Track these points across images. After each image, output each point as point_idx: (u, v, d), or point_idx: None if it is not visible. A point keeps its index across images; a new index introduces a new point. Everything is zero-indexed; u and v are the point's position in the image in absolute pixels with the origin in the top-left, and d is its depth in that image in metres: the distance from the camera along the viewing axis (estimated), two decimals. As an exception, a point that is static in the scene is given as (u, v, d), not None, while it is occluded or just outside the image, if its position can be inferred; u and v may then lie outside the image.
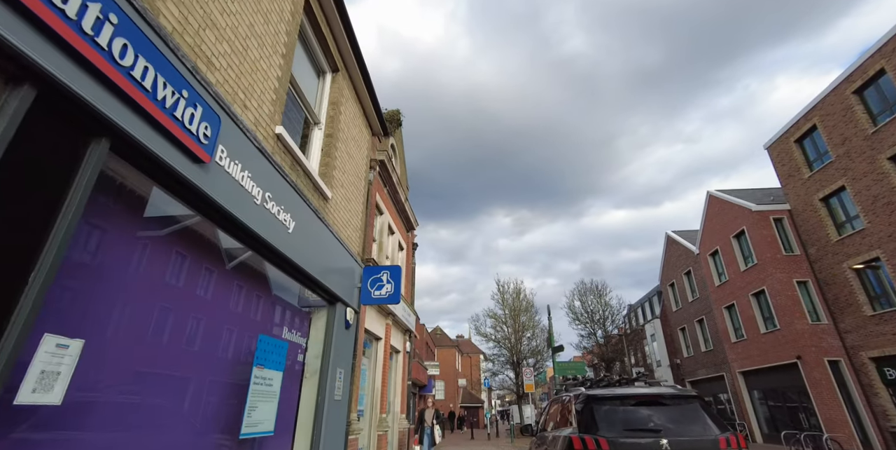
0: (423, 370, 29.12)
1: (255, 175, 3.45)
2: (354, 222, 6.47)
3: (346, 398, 5.85)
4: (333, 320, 5.52)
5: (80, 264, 2.14)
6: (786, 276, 19.40)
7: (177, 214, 2.89)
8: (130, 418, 2.46)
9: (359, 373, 8.10)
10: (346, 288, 5.95)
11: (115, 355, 2.34)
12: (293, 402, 4.81)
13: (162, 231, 2.78)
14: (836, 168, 17.81)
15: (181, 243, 2.93)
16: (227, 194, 3.05)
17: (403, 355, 12.83)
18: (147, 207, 2.63)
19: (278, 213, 3.84)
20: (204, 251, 3.16)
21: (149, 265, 2.64)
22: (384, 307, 10.09)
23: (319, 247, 4.92)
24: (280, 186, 3.92)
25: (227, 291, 3.37)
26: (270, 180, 3.74)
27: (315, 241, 4.78)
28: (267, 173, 3.69)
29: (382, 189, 10.75)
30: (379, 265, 6.94)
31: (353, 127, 6.45)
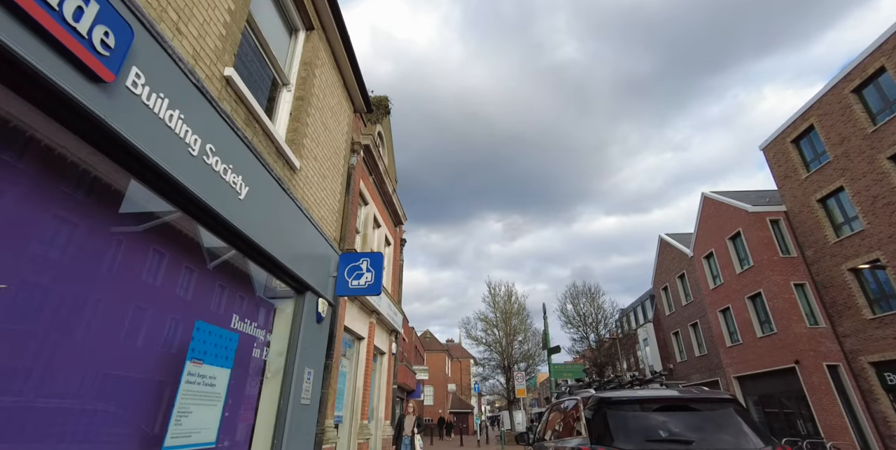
0: (412, 374, 28.26)
1: (191, 119, 2.74)
2: (330, 203, 5.76)
3: (316, 402, 5.10)
4: (302, 312, 4.78)
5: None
6: (783, 278, 18.99)
7: (71, 146, 2.17)
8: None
9: (336, 374, 7.34)
10: (319, 276, 5.23)
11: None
12: (249, 406, 4.06)
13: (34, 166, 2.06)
14: (834, 168, 17.48)
15: (67, 184, 2.20)
16: (144, 131, 2.33)
17: (389, 356, 12.07)
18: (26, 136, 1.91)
19: (225, 172, 3.12)
20: (106, 202, 2.44)
21: (15, 212, 1.91)
22: (367, 304, 9.35)
23: (283, 223, 4.20)
24: (229, 140, 3.21)
25: (140, 258, 2.64)
26: (214, 130, 3.02)
27: (277, 215, 4.06)
28: (210, 121, 2.98)
29: (367, 177, 10.04)
30: (358, 252, 6.23)
31: (330, 96, 5.76)
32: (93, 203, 2.34)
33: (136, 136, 2.28)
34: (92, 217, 2.34)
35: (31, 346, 2.00)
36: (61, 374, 2.13)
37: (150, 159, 2.39)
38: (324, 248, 5.41)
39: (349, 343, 9.22)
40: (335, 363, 7.29)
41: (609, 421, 3.14)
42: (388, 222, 12.41)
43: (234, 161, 3.28)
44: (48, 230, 2.13)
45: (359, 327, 9.19)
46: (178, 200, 2.74)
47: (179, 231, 2.94)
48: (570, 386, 4.49)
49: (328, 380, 6.95)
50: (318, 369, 5.22)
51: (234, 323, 3.62)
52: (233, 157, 3.25)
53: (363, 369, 9.44)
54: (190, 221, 2.99)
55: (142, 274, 2.61)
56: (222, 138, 3.13)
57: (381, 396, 11.41)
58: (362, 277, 5.60)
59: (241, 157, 3.39)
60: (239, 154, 3.36)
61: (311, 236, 5.00)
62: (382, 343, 11.47)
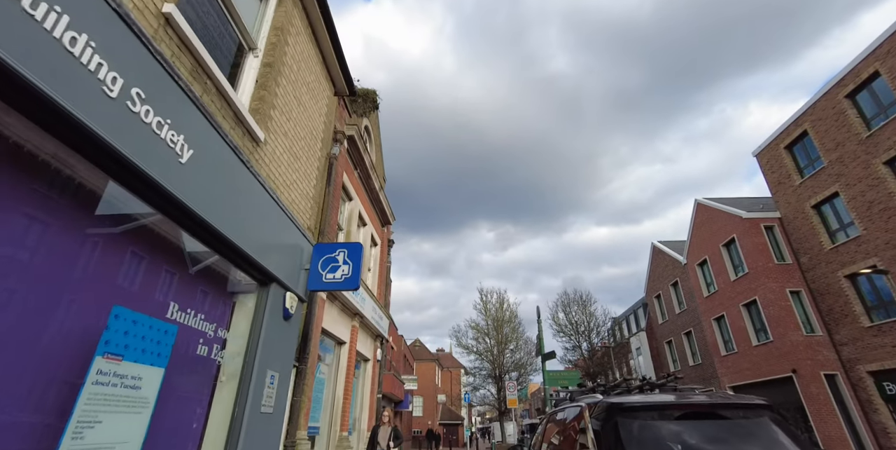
0: (400, 384, 27.37)
1: (106, 49, 2.19)
2: (304, 188, 5.20)
3: (281, 411, 4.47)
4: (265, 306, 4.19)
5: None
6: (779, 285, 18.66)
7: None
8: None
9: (311, 381, 6.70)
10: (288, 268, 4.65)
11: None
12: (196, 415, 3.44)
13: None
14: (828, 174, 17.31)
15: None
16: (29, 51, 1.78)
17: (374, 363, 11.40)
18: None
19: (159, 126, 2.57)
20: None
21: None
22: (350, 306, 8.73)
23: (241, 200, 3.63)
24: (167, 90, 2.66)
25: (19, 215, 2.05)
26: (145, 73, 2.48)
27: (234, 189, 3.49)
28: (138, 60, 2.43)
29: (352, 171, 9.50)
30: (334, 242, 5.65)
31: (306, 71, 5.23)
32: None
33: (16, 53, 1.73)
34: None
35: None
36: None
37: (34, 84, 1.83)
38: (294, 236, 4.83)
39: (328, 348, 8.57)
40: (310, 369, 6.66)
41: (622, 432, 2.59)
42: (375, 221, 11.85)
43: (175, 116, 2.72)
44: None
45: (340, 331, 8.55)
46: (80, 144, 2.17)
47: (88, 190, 2.35)
48: (572, 391, 3.92)
49: (301, 386, 6.31)
50: (285, 372, 4.60)
51: (173, 313, 3.02)
52: (172, 111, 2.70)
53: (344, 376, 8.78)
54: (117, 187, 2.41)
55: (24, 238, 2.01)
56: (157, 85, 2.58)
57: (364, 405, 10.71)
58: (338, 270, 5.03)
59: (185, 113, 2.84)
60: (182, 109, 2.80)
61: (279, 221, 4.43)
62: (366, 349, 10.81)
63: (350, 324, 9.20)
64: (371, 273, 11.78)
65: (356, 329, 9.40)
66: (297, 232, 4.92)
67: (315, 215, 5.45)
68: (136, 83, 2.39)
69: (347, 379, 8.85)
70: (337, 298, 8.17)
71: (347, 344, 9.03)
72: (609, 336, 33.91)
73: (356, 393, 10.49)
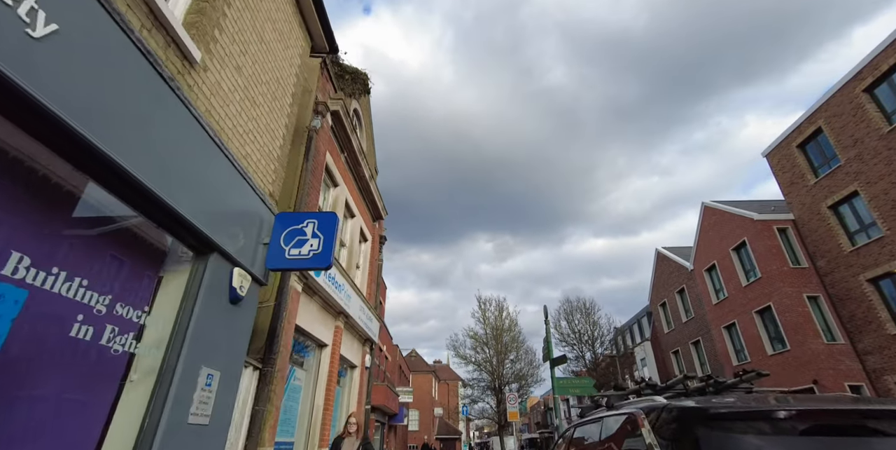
0: (394, 396, 26.05)
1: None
2: (266, 145, 4.23)
3: (222, 422, 3.43)
4: (200, 282, 3.19)
5: None
6: (795, 290, 17.64)
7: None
8: None
9: (280, 387, 5.64)
10: (240, 239, 3.66)
11: None
12: (81, 425, 2.42)
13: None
14: (846, 172, 16.44)
15: None
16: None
17: (361, 370, 10.29)
18: None
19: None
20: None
21: None
22: (332, 303, 7.70)
23: (161, 134, 2.68)
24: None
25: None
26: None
27: (147, 114, 2.53)
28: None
29: (337, 154, 8.55)
30: (301, 211, 4.65)
31: (270, 3, 4.31)
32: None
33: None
34: None
35: None
36: None
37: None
38: (249, 201, 3.86)
39: (307, 350, 7.51)
40: (280, 372, 5.61)
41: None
42: (365, 214, 10.87)
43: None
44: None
45: (320, 331, 7.50)
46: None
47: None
48: (608, 395, 2.91)
49: (266, 393, 5.25)
50: (232, 372, 3.57)
51: (26, 273, 2.01)
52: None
53: (325, 383, 7.70)
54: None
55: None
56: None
57: (350, 418, 9.57)
58: (305, 245, 4.04)
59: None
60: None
61: (225, 176, 3.46)
62: (353, 354, 9.73)
63: (333, 324, 8.15)
64: (360, 271, 10.76)
65: (340, 330, 8.35)
66: (255, 196, 3.94)
67: (277, 178, 4.47)
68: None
69: (329, 387, 7.76)
70: (317, 293, 7.15)
71: (330, 347, 7.97)
72: (611, 346, 32.67)
73: (340, 403, 9.37)
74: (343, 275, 8.01)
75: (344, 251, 9.50)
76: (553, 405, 30.35)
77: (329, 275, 7.21)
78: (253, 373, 5.01)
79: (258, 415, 5.03)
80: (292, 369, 6.87)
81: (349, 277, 8.45)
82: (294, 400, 7.00)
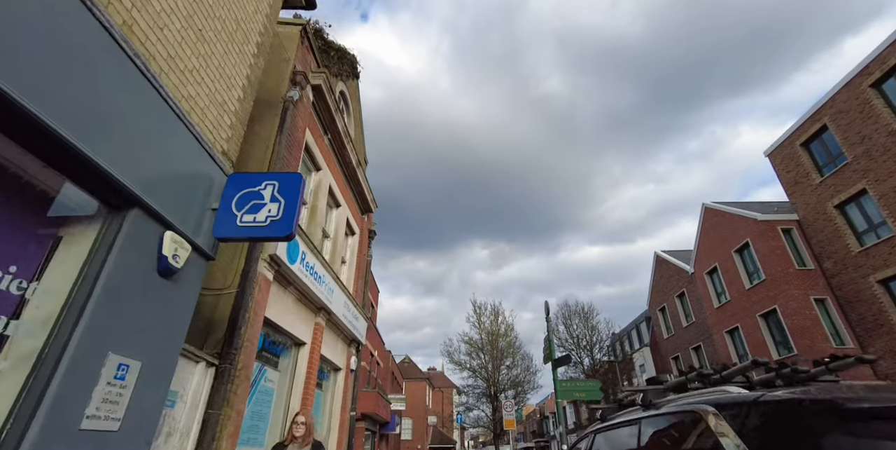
0: (386, 404, 25.08)
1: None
2: (217, 90, 3.52)
3: (146, 429, 2.68)
4: (111, 246, 2.46)
5: None
6: (801, 292, 17.02)
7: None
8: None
9: (243, 388, 4.86)
10: (176, 197, 2.95)
11: None
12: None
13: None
14: (853, 170, 15.93)
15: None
16: None
17: (347, 373, 9.49)
18: None
19: None
20: None
21: None
22: (311, 296, 6.94)
23: (63, 53, 1.97)
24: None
25: None
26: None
27: (40, 24, 1.83)
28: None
29: (320, 134, 7.86)
30: (260, 173, 3.92)
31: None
32: None
33: None
34: None
35: None
36: None
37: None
38: (193, 154, 3.15)
39: (281, 348, 6.74)
40: (242, 371, 4.83)
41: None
42: (352, 205, 10.14)
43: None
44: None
45: (296, 327, 6.74)
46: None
47: None
48: (643, 390, 2.18)
49: (224, 394, 4.47)
50: (162, 363, 2.83)
51: None
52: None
53: (302, 386, 6.91)
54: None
55: None
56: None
57: (333, 426, 8.76)
58: (262, 210, 3.32)
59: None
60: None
61: (156, 115, 2.76)
62: (337, 356, 8.94)
63: (312, 320, 7.38)
64: (347, 266, 10.01)
65: (321, 328, 7.57)
66: (200, 150, 3.23)
67: (233, 136, 3.76)
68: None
69: (307, 390, 6.98)
70: (292, 284, 6.40)
71: (308, 346, 7.20)
72: (609, 352, 31.86)
73: (322, 410, 8.57)
74: (325, 266, 7.27)
75: (328, 243, 8.76)
76: (552, 412, 29.66)
77: (307, 263, 6.47)
78: (206, 370, 4.25)
79: (212, 420, 4.25)
80: (262, 368, 6.10)
81: (332, 270, 7.70)
82: (265, 405, 6.21)
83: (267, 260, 5.39)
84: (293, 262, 5.98)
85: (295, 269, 6.07)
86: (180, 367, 3.77)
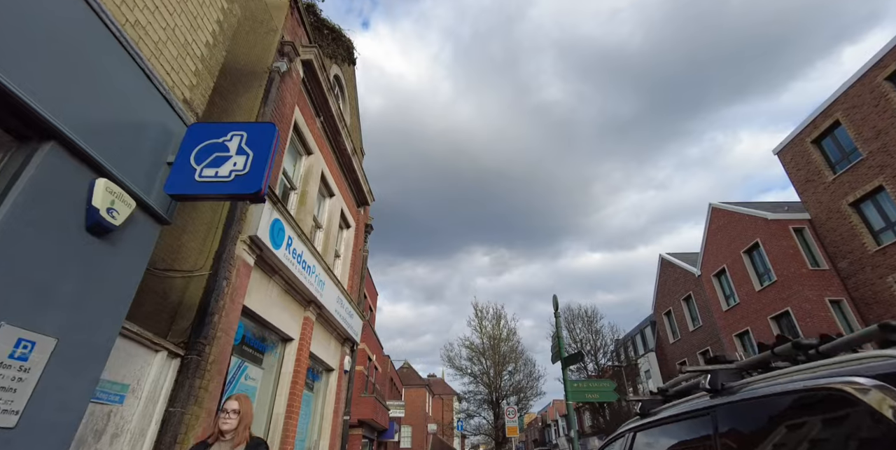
0: (384, 410, 24.33)
1: None
2: (179, 26, 2.99)
3: (65, 426, 2.11)
4: (10, 187, 1.91)
5: None
6: (816, 294, 16.38)
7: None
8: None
9: (215, 384, 4.28)
10: (120, 143, 2.42)
11: None
12: None
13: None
14: (868, 166, 15.38)
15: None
16: None
17: (340, 375, 8.88)
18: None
19: None
20: None
21: None
22: (299, 287, 6.37)
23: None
24: None
25: None
26: None
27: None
28: None
29: (311, 115, 7.35)
30: (228, 123, 3.36)
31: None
32: None
33: None
34: None
35: None
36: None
37: None
38: (144, 96, 2.62)
39: (264, 344, 6.16)
40: (214, 364, 4.25)
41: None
42: (347, 196, 9.60)
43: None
44: None
45: (282, 320, 6.16)
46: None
47: None
48: (714, 369, 1.61)
49: (190, 390, 3.88)
50: (89, 343, 2.27)
51: None
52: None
53: (289, 385, 6.33)
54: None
55: None
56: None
57: (324, 431, 8.14)
58: (226, 164, 2.79)
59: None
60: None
61: (95, 42, 2.22)
62: (329, 355, 8.34)
63: (301, 314, 6.80)
64: (341, 260, 9.45)
65: (310, 323, 6.99)
66: (152, 90, 2.69)
67: (195, 77, 3.22)
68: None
69: (294, 390, 6.38)
70: (277, 272, 5.84)
71: (296, 342, 6.62)
72: (613, 358, 31.08)
73: (312, 412, 7.95)
74: (315, 256, 6.71)
75: (320, 233, 8.21)
76: (554, 420, 28.76)
77: (294, 250, 5.91)
78: (169, 361, 3.68)
79: (174, 419, 3.67)
80: (243, 365, 5.51)
81: (324, 262, 7.14)
82: (245, 405, 5.60)
83: (247, 242, 4.84)
84: (277, 247, 5.43)
85: (280, 255, 5.51)
86: (133, 355, 3.20)
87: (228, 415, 2.86)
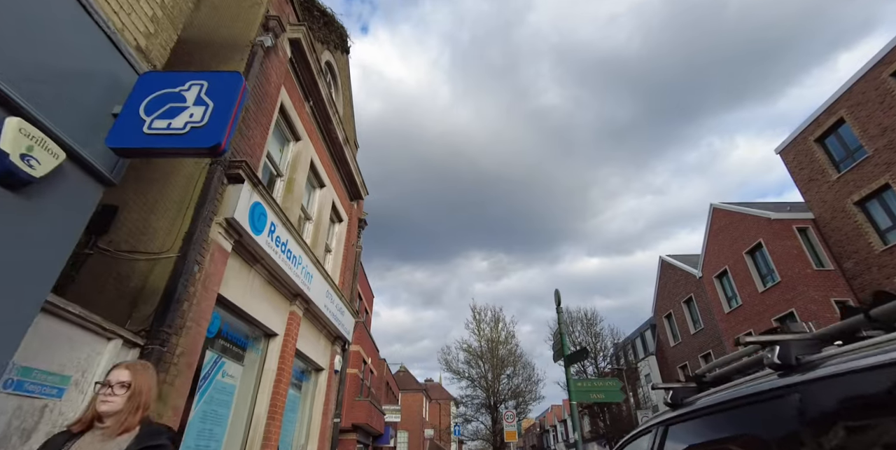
0: (380, 415, 23.78)
1: None
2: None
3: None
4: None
5: None
6: (821, 294, 16.02)
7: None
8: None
9: (183, 379, 3.85)
10: (47, 82, 2.03)
11: None
12: None
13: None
14: (874, 164, 15.08)
15: None
16: None
17: (330, 374, 8.44)
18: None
19: None
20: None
21: None
22: (284, 279, 5.96)
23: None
24: None
25: None
26: None
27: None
28: None
29: (300, 99, 6.98)
30: (185, 71, 2.97)
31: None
32: None
33: None
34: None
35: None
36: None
37: None
38: (83, 33, 2.23)
39: (246, 339, 5.74)
40: (180, 356, 3.83)
41: None
42: (340, 189, 9.21)
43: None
44: None
45: (265, 314, 5.74)
46: None
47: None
48: (783, 341, 1.24)
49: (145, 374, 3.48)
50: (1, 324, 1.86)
51: None
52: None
53: (271, 384, 5.90)
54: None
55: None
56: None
57: (312, 434, 7.69)
58: (181, 115, 2.40)
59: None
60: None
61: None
62: (318, 353, 7.91)
63: (287, 308, 6.38)
64: (332, 255, 9.04)
65: (297, 318, 6.57)
66: (93, 27, 2.31)
67: (160, 37, 2.84)
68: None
69: (278, 390, 5.95)
70: (259, 261, 5.43)
71: (281, 337, 6.19)
72: (613, 361, 30.61)
73: (299, 414, 7.51)
74: (301, 246, 6.30)
75: (309, 225, 7.81)
76: (552, 425, 28.32)
77: (277, 238, 5.51)
78: (125, 351, 3.26)
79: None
80: (219, 360, 5.09)
81: (312, 254, 6.73)
82: (223, 405, 5.18)
83: (223, 225, 4.44)
84: (258, 233, 5.03)
85: (261, 242, 5.10)
86: (77, 342, 2.79)
87: (112, 390, 1.83)
